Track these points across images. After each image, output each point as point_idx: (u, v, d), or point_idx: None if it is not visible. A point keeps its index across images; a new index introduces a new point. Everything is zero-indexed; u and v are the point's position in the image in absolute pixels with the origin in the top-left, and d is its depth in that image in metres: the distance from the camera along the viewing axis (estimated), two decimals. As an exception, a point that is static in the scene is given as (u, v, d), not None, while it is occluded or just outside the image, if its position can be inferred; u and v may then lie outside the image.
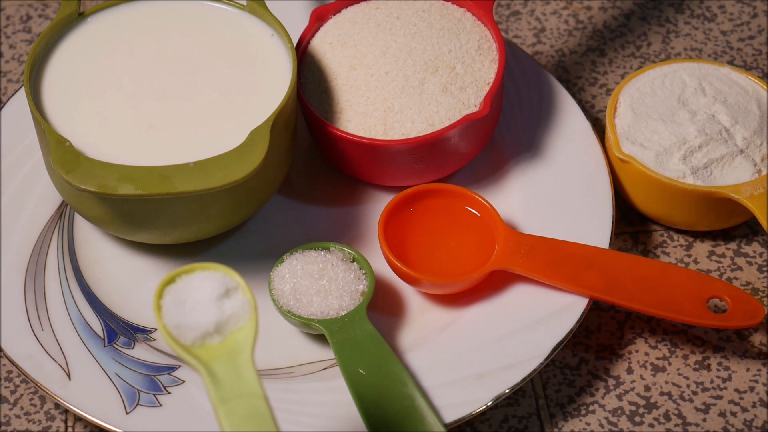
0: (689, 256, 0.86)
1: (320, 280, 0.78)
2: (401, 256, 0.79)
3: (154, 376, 0.77)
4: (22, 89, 0.89)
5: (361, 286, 0.78)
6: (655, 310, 0.77)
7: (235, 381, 0.61)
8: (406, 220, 0.81)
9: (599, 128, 0.92)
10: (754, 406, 0.79)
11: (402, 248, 0.80)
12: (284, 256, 0.80)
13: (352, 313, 0.77)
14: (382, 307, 0.81)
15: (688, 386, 0.80)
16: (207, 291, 0.63)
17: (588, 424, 0.78)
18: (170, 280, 0.63)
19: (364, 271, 0.79)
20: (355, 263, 0.80)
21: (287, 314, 0.77)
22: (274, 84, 0.80)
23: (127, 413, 0.74)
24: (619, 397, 0.79)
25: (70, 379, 0.76)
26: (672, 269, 0.79)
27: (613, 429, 0.78)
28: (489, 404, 0.75)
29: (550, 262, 0.78)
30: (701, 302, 0.77)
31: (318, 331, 0.77)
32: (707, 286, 0.78)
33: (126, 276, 0.82)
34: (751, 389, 0.80)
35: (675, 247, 0.86)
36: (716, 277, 0.79)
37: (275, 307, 0.78)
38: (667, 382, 0.80)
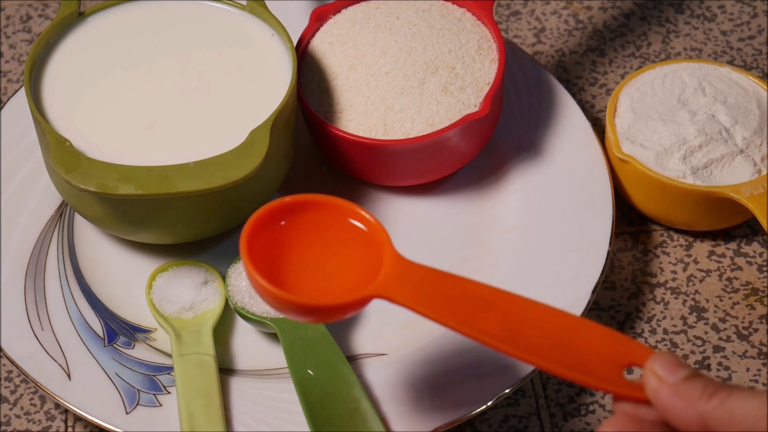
0: (689, 256, 0.86)
1: None
2: (274, 278, 0.67)
3: (154, 376, 0.77)
4: (22, 89, 0.89)
5: None
6: (560, 368, 0.64)
7: (195, 343, 0.77)
8: (277, 236, 0.69)
9: (599, 128, 0.92)
10: (754, 406, 0.79)
11: (275, 269, 0.68)
12: None
13: None
14: (382, 307, 0.81)
15: (688, 386, 0.80)
16: (189, 279, 0.80)
17: (588, 424, 0.78)
18: (164, 269, 0.81)
19: None
20: None
21: (240, 311, 0.78)
22: (274, 84, 0.80)
23: (127, 413, 0.74)
24: (619, 397, 0.79)
25: (70, 379, 0.76)
26: (589, 326, 0.65)
27: (613, 429, 0.78)
28: (489, 404, 0.75)
29: (442, 298, 0.66)
30: (617, 368, 0.64)
31: (271, 330, 0.77)
32: (627, 350, 0.64)
33: (126, 276, 0.82)
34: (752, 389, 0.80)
35: (675, 247, 0.86)
36: (638, 342, 0.65)
37: (229, 303, 0.79)
38: (667, 382, 0.80)
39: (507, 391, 0.75)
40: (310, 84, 0.84)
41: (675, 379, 0.60)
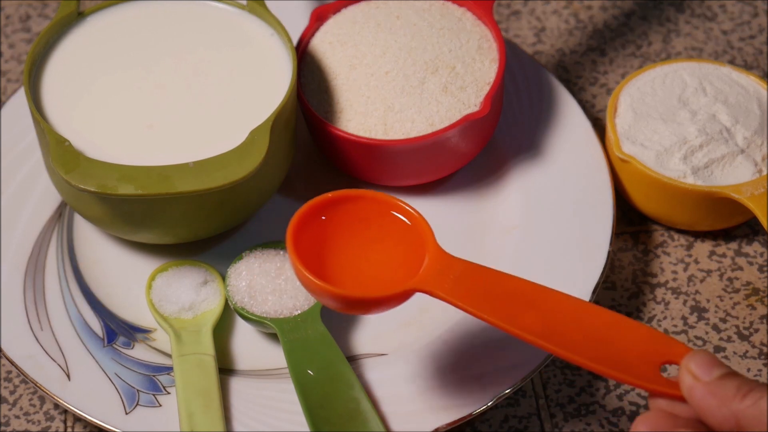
0: (690, 256, 0.86)
1: (277, 279, 0.78)
2: (318, 271, 0.69)
3: (153, 376, 0.77)
4: (22, 89, 0.89)
5: None
6: (598, 365, 0.64)
7: (194, 343, 0.77)
8: (320, 231, 0.71)
9: (599, 128, 0.92)
10: (754, 406, 0.79)
11: (318, 263, 0.70)
12: (243, 253, 0.80)
13: (306, 314, 0.77)
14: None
15: (688, 386, 0.80)
16: (189, 279, 0.80)
17: (588, 424, 0.78)
18: (164, 269, 0.81)
19: None
20: None
21: (240, 311, 0.78)
22: (274, 84, 0.80)
23: (126, 413, 0.74)
24: (620, 397, 0.79)
25: (69, 379, 0.76)
26: (626, 323, 0.66)
27: (613, 429, 0.78)
28: (489, 404, 0.75)
29: (483, 293, 0.67)
30: (654, 365, 0.65)
31: (271, 330, 0.77)
32: (664, 348, 0.65)
33: (126, 276, 0.82)
34: (752, 389, 0.80)
35: (675, 247, 0.86)
36: (676, 339, 0.66)
37: (229, 304, 0.79)
38: (667, 383, 0.80)
39: (507, 391, 0.75)
40: (310, 84, 0.84)
41: (710, 377, 0.61)
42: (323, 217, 0.71)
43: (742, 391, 0.60)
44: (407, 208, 0.70)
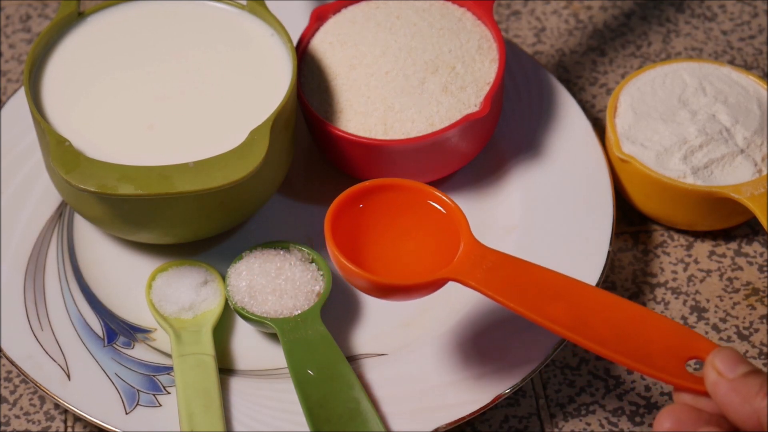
0: (689, 256, 0.86)
1: (277, 279, 0.78)
2: (353, 257, 0.71)
3: (153, 376, 0.77)
4: (22, 89, 0.89)
5: (318, 287, 0.79)
6: (624, 358, 0.66)
7: (194, 343, 0.77)
8: (356, 218, 0.73)
9: (599, 128, 0.92)
10: (754, 406, 0.79)
11: (354, 248, 0.72)
12: (243, 253, 0.80)
13: (306, 314, 0.77)
14: (382, 307, 0.81)
15: (688, 386, 0.80)
16: (189, 279, 0.80)
17: (588, 424, 0.78)
18: (163, 269, 0.81)
19: (321, 273, 0.80)
20: (314, 264, 0.80)
21: (240, 311, 0.78)
22: (274, 84, 0.80)
23: (126, 413, 0.74)
24: (620, 397, 0.79)
25: (69, 379, 0.76)
26: (653, 318, 0.68)
27: (614, 429, 0.78)
28: (489, 404, 0.75)
29: (513, 284, 0.69)
30: (680, 360, 0.66)
31: (271, 330, 0.77)
32: (690, 343, 0.66)
33: (126, 276, 0.82)
34: (752, 389, 0.79)
35: (675, 247, 0.86)
36: (702, 335, 0.67)
37: (229, 304, 0.79)
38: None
39: (507, 391, 0.75)
40: (310, 84, 0.84)
41: (734, 374, 0.62)
42: (361, 205, 0.73)
43: (764, 389, 0.60)
44: (443, 197, 0.72)
